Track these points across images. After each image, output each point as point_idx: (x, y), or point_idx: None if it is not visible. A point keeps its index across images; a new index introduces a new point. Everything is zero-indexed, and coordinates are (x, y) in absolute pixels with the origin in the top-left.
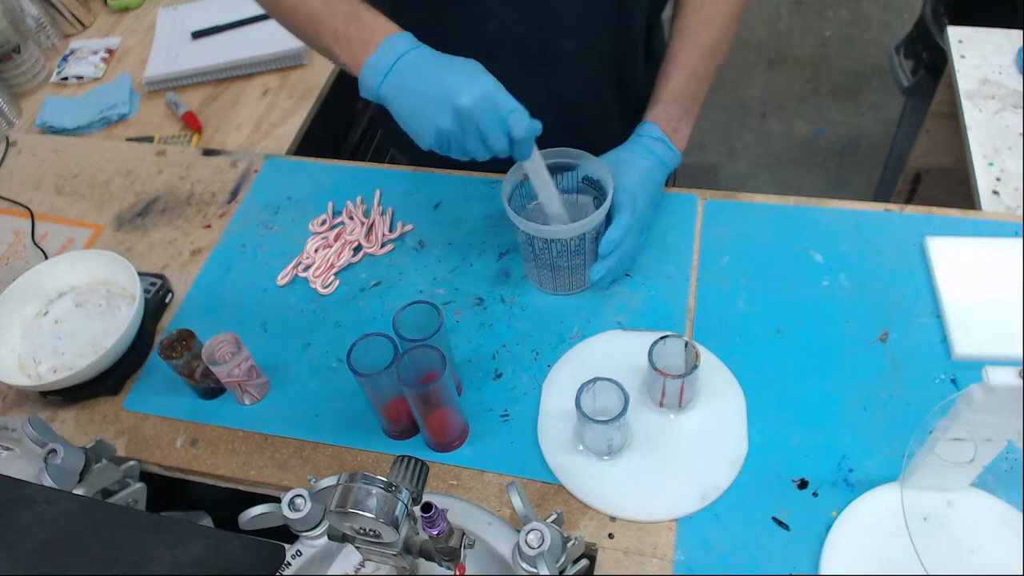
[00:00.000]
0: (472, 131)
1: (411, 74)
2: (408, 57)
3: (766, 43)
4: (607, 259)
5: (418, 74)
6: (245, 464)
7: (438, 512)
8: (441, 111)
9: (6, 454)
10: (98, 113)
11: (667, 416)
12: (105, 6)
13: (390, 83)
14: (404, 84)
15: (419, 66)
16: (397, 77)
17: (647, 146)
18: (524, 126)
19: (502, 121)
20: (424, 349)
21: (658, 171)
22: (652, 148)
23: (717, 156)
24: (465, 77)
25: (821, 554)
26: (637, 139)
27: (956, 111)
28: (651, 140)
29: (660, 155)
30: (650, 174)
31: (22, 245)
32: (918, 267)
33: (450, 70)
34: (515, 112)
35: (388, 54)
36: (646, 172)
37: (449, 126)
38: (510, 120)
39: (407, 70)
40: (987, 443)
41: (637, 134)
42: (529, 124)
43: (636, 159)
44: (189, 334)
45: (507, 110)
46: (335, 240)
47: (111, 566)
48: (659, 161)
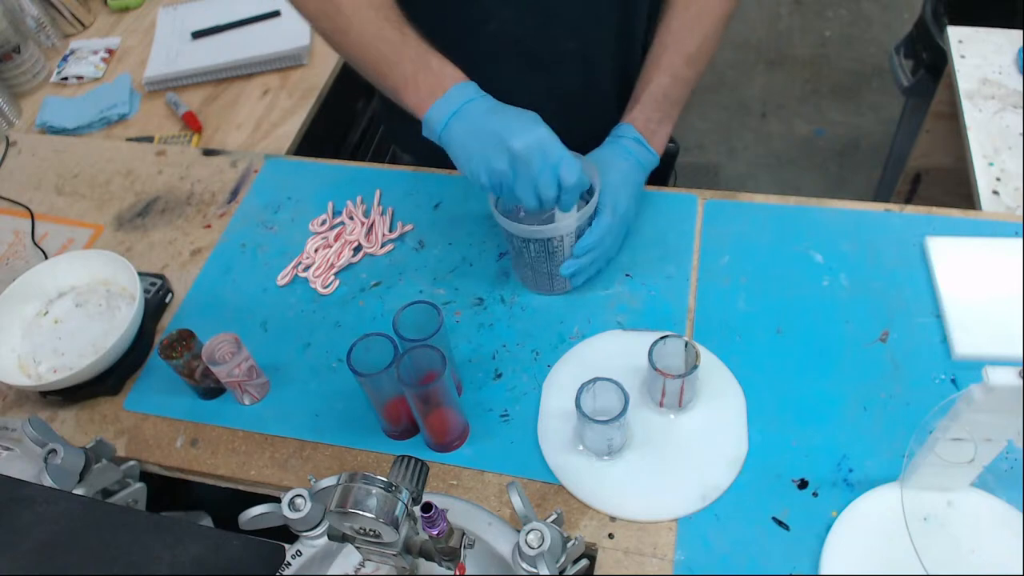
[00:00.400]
0: (524, 175)
1: (473, 119)
2: (472, 104)
3: (766, 43)
4: (580, 258)
5: (479, 119)
6: (245, 464)
7: (438, 512)
8: (497, 153)
9: (6, 454)
10: (98, 113)
11: (667, 416)
12: (105, 6)
13: (453, 126)
14: (465, 128)
15: (481, 112)
16: (459, 122)
17: (625, 147)
18: (575, 174)
19: (553, 168)
20: (424, 349)
21: (636, 172)
22: (630, 149)
23: (717, 156)
24: (521, 123)
25: (821, 554)
26: (615, 140)
27: (956, 111)
28: (629, 141)
29: (637, 156)
30: (629, 175)
31: (22, 245)
32: (918, 267)
33: (508, 116)
34: (565, 160)
35: (454, 100)
36: (625, 173)
37: (503, 167)
38: (561, 167)
39: (470, 115)
40: (987, 443)
41: (615, 135)
42: (579, 173)
43: (615, 160)
44: (189, 334)
45: (558, 157)
46: (335, 240)
47: (111, 566)
48: (637, 162)
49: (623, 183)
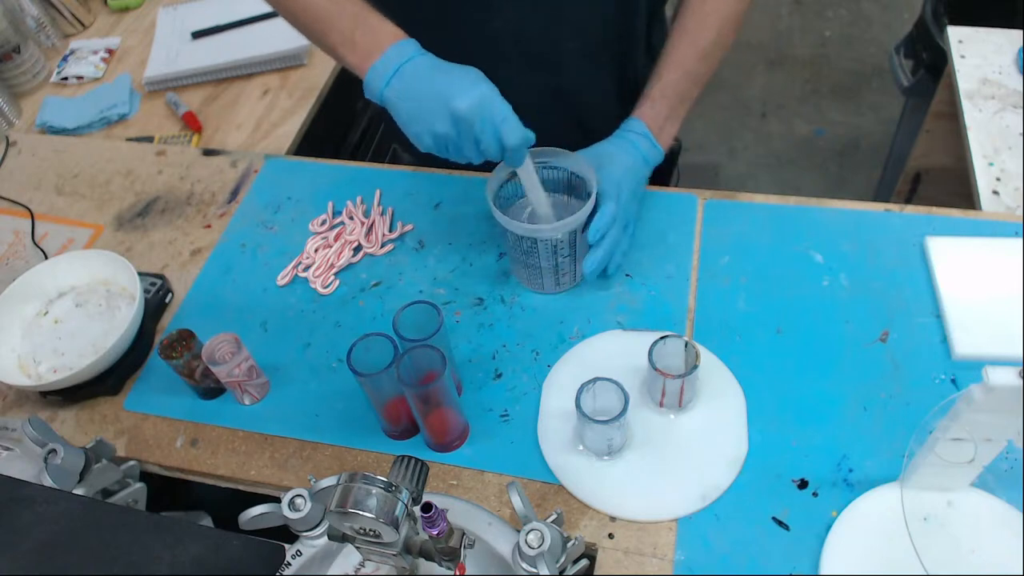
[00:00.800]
0: (467, 135)
1: (413, 79)
2: (412, 63)
3: (766, 43)
4: (597, 248)
5: (419, 79)
6: (245, 464)
7: (438, 512)
8: (439, 115)
9: (6, 454)
10: (98, 113)
11: (667, 416)
12: (105, 6)
13: (393, 87)
14: (406, 89)
15: (421, 72)
16: (400, 82)
17: (632, 141)
18: (516, 136)
19: (496, 128)
20: (424, 349)
21: (641, 167)
22: (636, 143)
23: (717, 156)
24: (464, 83)
25: (821, 554)
26: (622, 134)
27: (956, 111)
28: (636, 135)
29: (643, 151)
30: (633, 169)
31: (22, 245)
32: (918, 267)
33: (450, 76)
34: (507, 120)
35: (393, 60)
36: (629, 167)
37: (446, 130)
38: (502, 129)
39: (409, 75)
40: (987, 443)
41: (623, 129)
42: (522, 134)
43: (620, 153)
44: (189, 334)
45: (500, 118)
46: (335, 240)
47: (111, 566)
48: (642, 157)
49: (625, 176)
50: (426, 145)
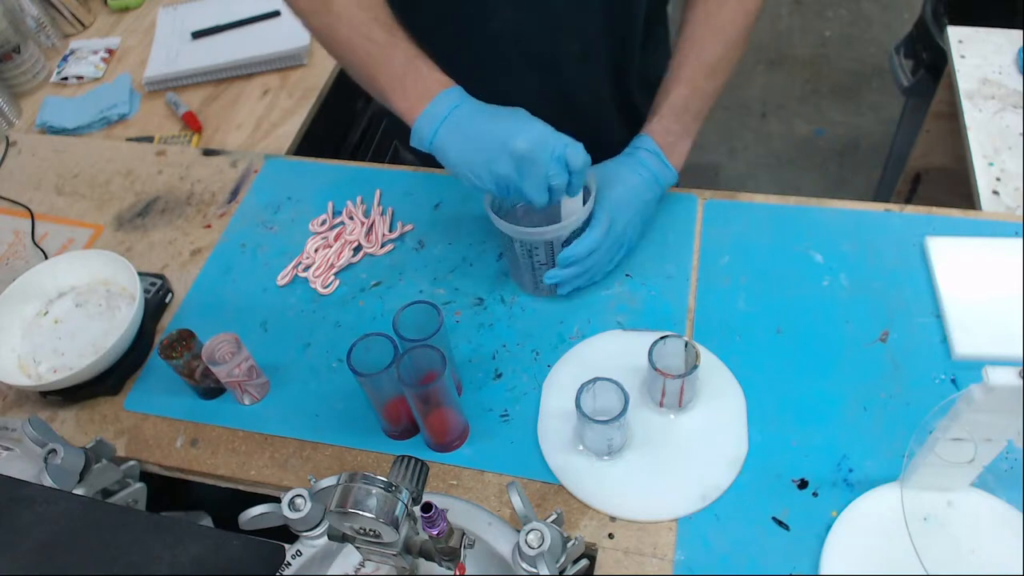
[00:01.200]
0: (530, 172)
1: (465, 124)
2: (459, 110)
3: (766, 43)
4: (563, 270)
5: (471, 123)
6: (245, 464)
7: (438, 512)
8: (498, 157)
9: (6, 454)
10: (98, 113)
11: (667, 416)
12: (105, 6)
13: (443, 134)
14: (457, 134)
15: (472, 116)
16: (450, 127)
17: (640, 159)
18: (582, 154)
19: (559, 158)
20: (424, 349)
21: (649, 188)
22: (645, 161)
23: (717, 156)
24: (518, 123)
25: (821, 554)
26: (631, 151)
27: (956, 111)
28: (645, 153)
29: (653, 169)
30: (637, 190)
31: (22, 245)
32: (918, 267)
33: (502, 118)
34: (571, 146)
35: (443, 105)
36: (633, 188)
37: (507, 171)
38: (567, 153)
39: (459, 121)
40: (987, 443)
41: (632, 146)
42: (585, 155)
43: (627, 174)
44: (189, 334)
45: (562, 145)
46: (335, 240)
47: (111, 566)
48: (652, 176)
49: (628, 201)
50: (487, 187)
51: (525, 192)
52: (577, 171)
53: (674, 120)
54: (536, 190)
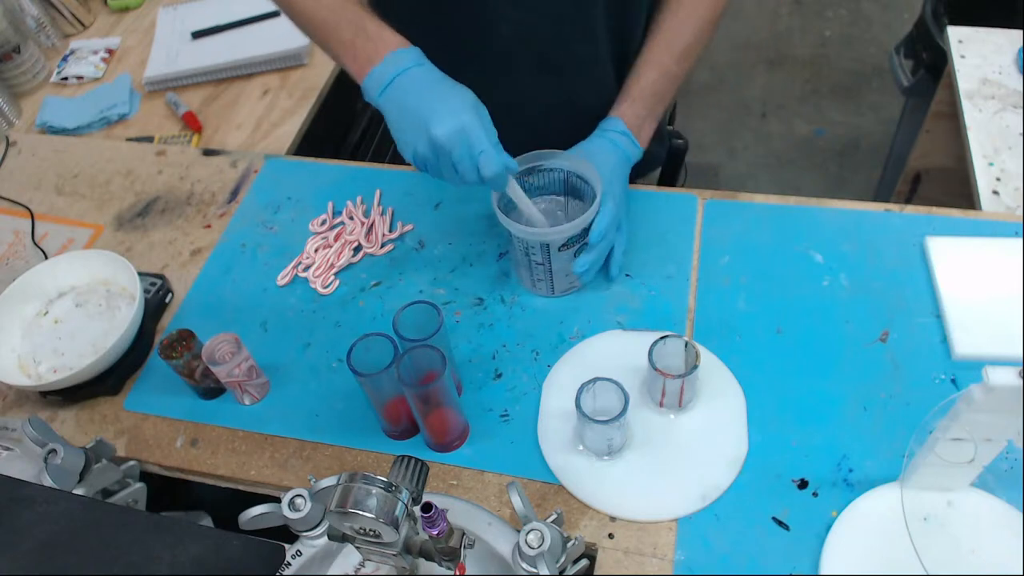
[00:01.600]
0: (445, 161)
1: (405, 93)
2: (408, 74)
3: (766, 43)
4: (592, 250)
5: (410, 94)
6: (245, 464)
7: (438, 512)
8: (419, 136)
9: (6, 454)
10: (98, 113)
11: (667, 416)
12: (105, 6)
13: (388, 96)
14: (399, 99)
15: (414, 86)
16: (395, 91)
17: (613, 140)
18: (492, 168)
19: (473, 158)
20: (424, 349)
21: (624, 165)
22: (617, 142)
23: (717, 156)
24: (448, 108)
25: (821, 554)
26: (602, 133)
27: (956, 111)
28: (616, 134)
29: (625, 149)
30: (617, 168)
31: (22, 245)
32: (918, 267)
33: (438, 98)
34: (485, 153)
35: (390, 68)
36: (614, 167)
37: (424, 152)
38: (479, 160)
39: (403, 88)
40: (987, 443)
41: (602, 128)
42: (497, 167)
43: (605, 154)
44: (189, 334)
45: (477, 150)
46: (335, 240)
47: (111, 566)
48: (624, 155)
49: (614, 176)
50: (409, 159)
51: (443, 176)
52: (488, 178)
53: (642, 103)
54: (449, 176)
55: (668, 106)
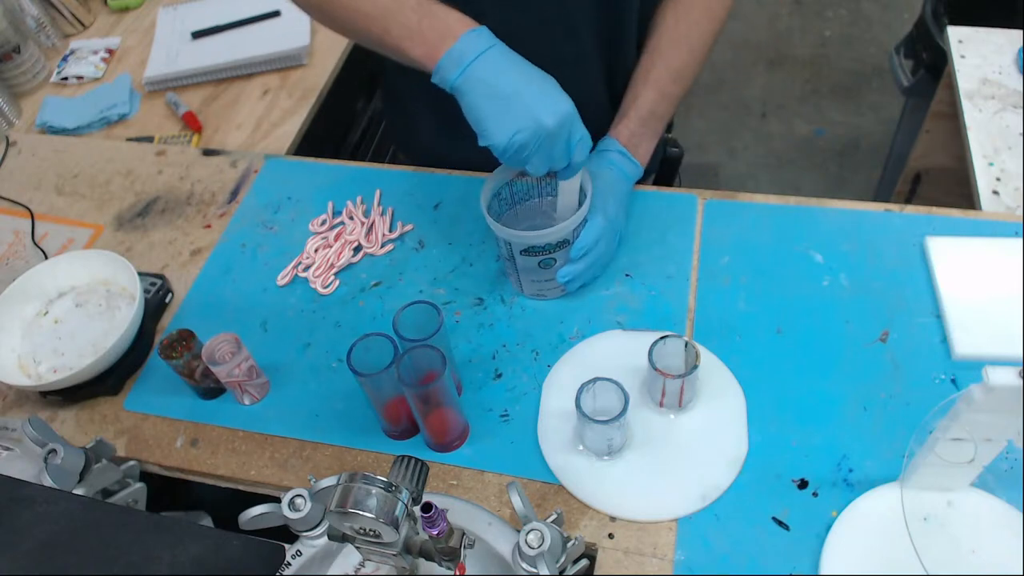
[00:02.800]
0: (546, 148)
1: (492, 74)
2: (488, 55)
3: (766, 43)
4: (577, 263)
5: (503, 76)
6: (245, 464)
7: (438, 512)
8: (523, 123)
9: (6, 454)
10: (98, 113)
11: (667, 416)
12: (105, 6)
13: (468, 77)
14: (485, 81)
15: (500, 67)
16: (479, 72)
17: (609, 159)
18: (586, 153)
19: (570, 144)
20: (424, 349)
21: (622, 182)
22: (613, 160)
23: (717, 156)
24: (553, 95)
25: (821, 554)
26: (599, 153)
27: (956, 111)
28: (612, 153)
29: (622, 167)
30: (614, 184)
31: (22, 245)
32: (918, 267)
33: (533, 83)
34: (584, 140)
35: (469, 48)
36: (610, 182)
37: (526, 140)
38: (577, 147)
39: (487, 68)
40: (987, 443)
41: (599, 149)
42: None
43: (600, 170)
44: (189, 334)
45: (578, 137)
46: (335, 240)
47: (111, 566)
48: (621, 173)
49: (610, 190)
50: (498, 146)
51: (531, 162)
52: (577, 164)
53: (640, 124)
54: (541, 164)
55: (666, 124)
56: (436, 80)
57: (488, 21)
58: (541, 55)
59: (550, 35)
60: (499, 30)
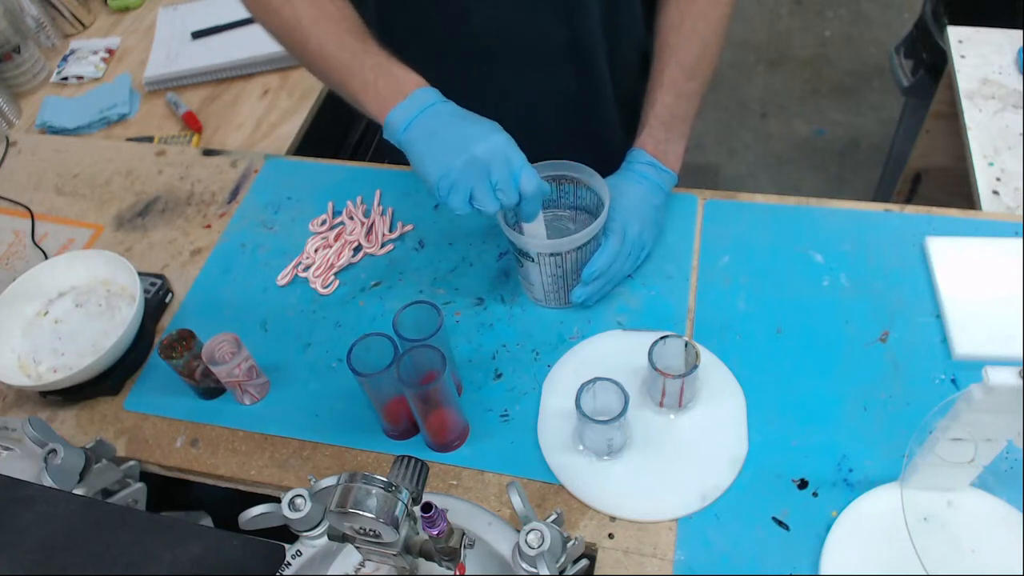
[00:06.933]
0: (482, 179)
1: (434, 122)
2: (433, 109)
3: (766, 43)
4: (588, 285)
5: (440, 124)
6: (245, 464)
7: (438, 512)
8: (455, 155)
9: (6, 454)
10: (98, 113)
11: (667, 416)
12: (105, 6)
13: (414, 130)
14: (429, 128)
15: (441, 118)
16: (424, 122)
17: (638, 172)
18: (534, 183)
19: (514, 175)
20: (424, 349)
21: (653, 195)
22: (644, 173)
23: (717, 156)
24: (484, 129)
25: (821, 554)
26: (628, 166)
27: (956, 111)
28: (641, 165)
29: (653, 179)
30: (645, 198)
31: (22, 245)
32: (918, 267)
33: (470, 123)
34: (525, 170)
35: (416, 104)
36: (640, 196)
37: (460, 170)
38: (520, 176)
39: (431, 119)
40: (987, 443)
41: (627, 161)
42: (539, 182)
43: (628, 185)
44: (189, 334)
45: (518, 166)
46: (335, 240)
47: (111, 566)
48: (653, 184)
49: (635, 208)
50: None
51: (476, 196)
52: (527, 197)
53: (662, 129)
54: (483, 196)
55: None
56: (387, 136)
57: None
58: (536, 48)
59: (543, 27)
60: (489, 23)
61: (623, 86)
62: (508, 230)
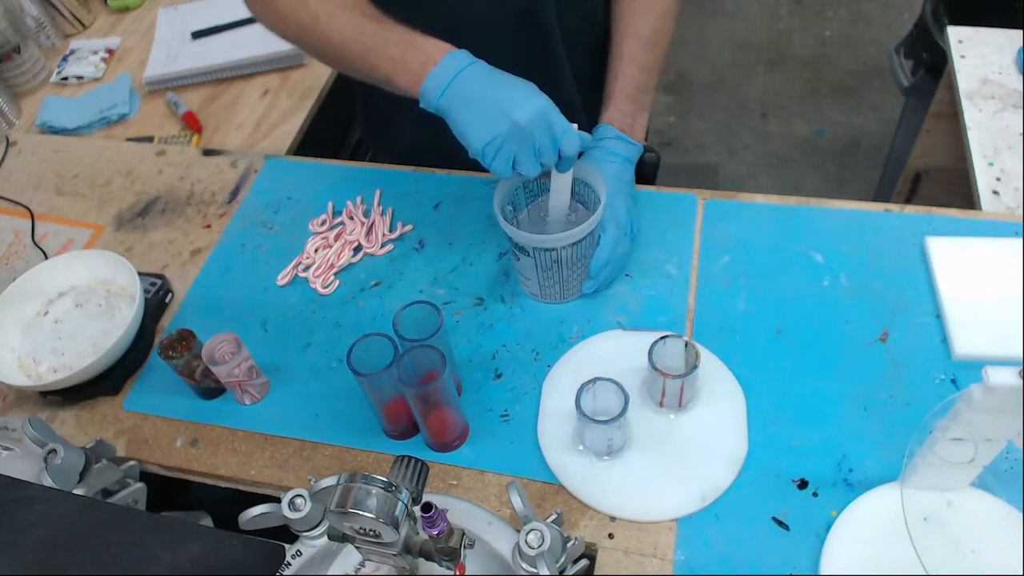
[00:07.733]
0: (526, 145)
1: (470, 85)
2: (468, 71)
3: (766, 43)
4: (598, 276)
5: (476, 86)
6: (245, 464)
7: (438, 512)
8: (497, 123)
9: (6, 454)
10: (98, 113)
11: (667, 416)
12: (105, 6)
13: (449, 95)
14: (463, 95)
15: (478, 79)
16: (456, 89)
17: (609, 148)
18: (575, 146)
19: (555, 139)
20: (424, 349)
21: (626, 170)
22: (613, 149)
23: (717, 156)
24: (523, 93)
25: (821, 554)
26: (597, 143)
27: (956, 111)
28: (610, 141)
29: (623, 153)
30: (620, 176)
31: (22, 245)
32: (918, 267)
33: (507, 87)
34: (568, 133)
35: (448, 70)
36: (616, 175)
37: (502, 138)
38: (563, 139)
39: (466, 83)
40: (987, 443)
41: (596, 137)
42: (579, 145)
43: (604, 166)
44: (189, 334)
45: (560, 129)
46: (335, 240)
47: (111, 566)
48: (623, 159)
49: (617, 190)
50: (476, 149)
51: (519, 161)
52: (567, 157)
53: (627, 101)
54: (528, 163)
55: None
56: (423, 105)
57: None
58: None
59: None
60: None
61: (580, 65)
62: (506, 225)
